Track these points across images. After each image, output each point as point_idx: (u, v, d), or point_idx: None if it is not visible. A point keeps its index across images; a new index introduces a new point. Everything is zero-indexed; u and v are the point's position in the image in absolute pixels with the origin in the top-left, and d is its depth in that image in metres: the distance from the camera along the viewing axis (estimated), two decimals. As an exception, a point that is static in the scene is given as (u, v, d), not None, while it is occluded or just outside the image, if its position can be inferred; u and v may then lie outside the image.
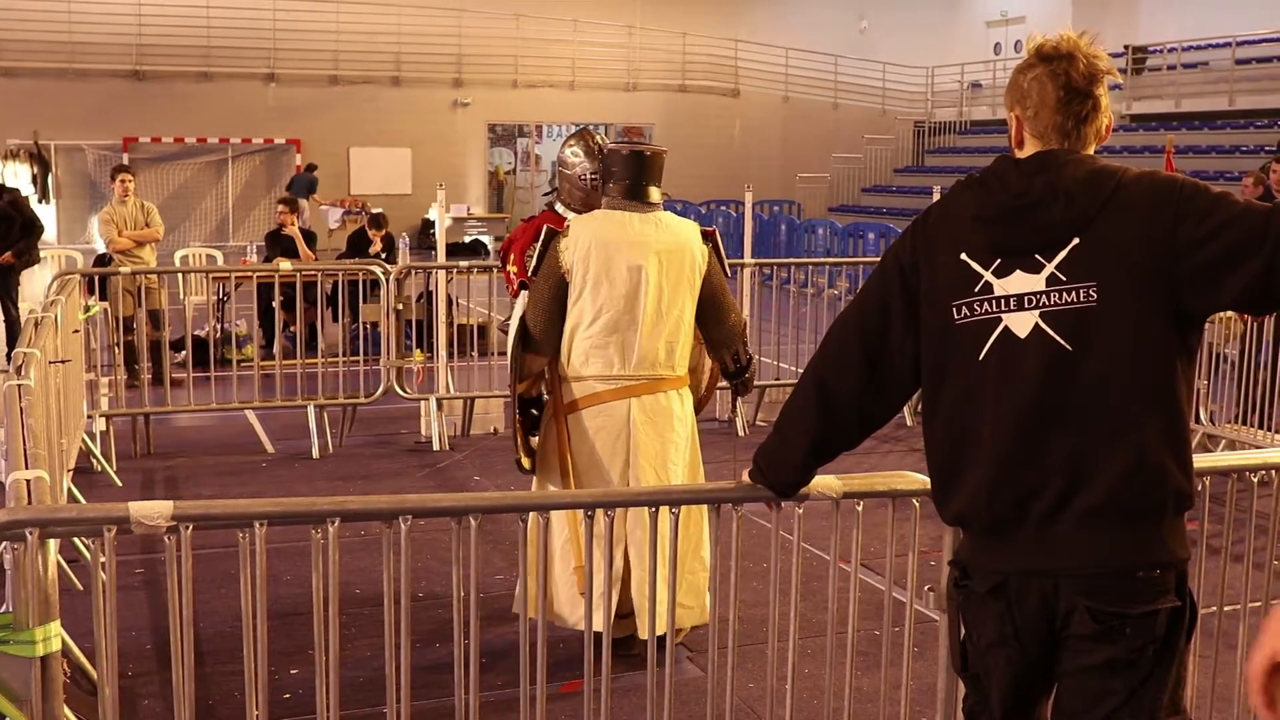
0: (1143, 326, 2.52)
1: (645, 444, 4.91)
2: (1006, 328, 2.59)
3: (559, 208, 5.56)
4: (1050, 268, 2.56)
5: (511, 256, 5.52)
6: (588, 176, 5.34)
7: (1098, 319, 2.53)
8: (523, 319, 4.98)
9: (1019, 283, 2.58)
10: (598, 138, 5.49)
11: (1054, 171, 2.59)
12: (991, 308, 2.60)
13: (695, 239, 5.05)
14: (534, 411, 5.21)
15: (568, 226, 4.99)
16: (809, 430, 2.87)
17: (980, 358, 2.61)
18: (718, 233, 5.22)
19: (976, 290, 2.62)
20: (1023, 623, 2.64)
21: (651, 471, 4.92)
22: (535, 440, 5.18)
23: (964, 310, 2.63)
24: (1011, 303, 2.59)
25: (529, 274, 5.01)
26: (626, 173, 4.99)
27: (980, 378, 2.61)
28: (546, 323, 4.93)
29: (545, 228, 5.01)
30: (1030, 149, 2.68)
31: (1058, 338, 2.55)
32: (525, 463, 5.16)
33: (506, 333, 5.47)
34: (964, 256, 2.64)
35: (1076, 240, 2.55)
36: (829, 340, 2.87)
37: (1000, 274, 2.60)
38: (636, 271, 4.86)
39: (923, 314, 2.69)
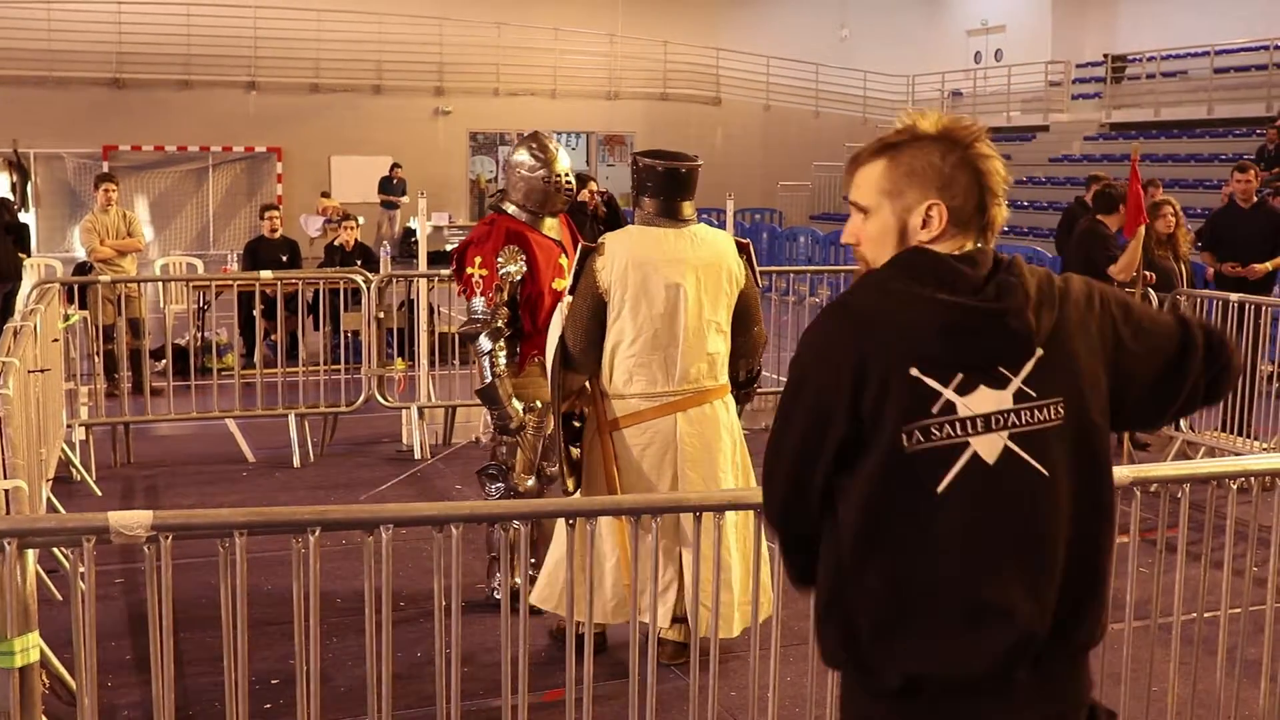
0: (1101, 444, 2.33)
1: (692, 454, 4.90)
2: (975, 454, 2.23)
3: (509, 208, 5.61)
4: (1016, 382, 2.24)
5: (479, 260, 5.51)
6: (555, 178, 5.54)
7: (1064, 438, 2.27)
8: (561, 337, 4.96)
9: (984, 400, 2.23)
10: (552, 140, 5.70)
11: (1010, 272, 2.27)
12: (955, 431, 2.22)
13: (731, 251, 5.06)
14: (575, 424, 5.18)
15: (602, 244, 4.98)
16: (804, 573, 2.45)
17: (939, 490, 2.22)
18: (751, 245, 5.23)
19: (935, 411, 2.22)
20: None
21: (700, 480, 4.90)
22: (576, 452, 5.13)
23: (917, 435, 2.21)
24: (979, 424, 2.23)
25: (566, 292, 5.01)
26: (661, 190, 4.98)
27: (937, 513, 2.22)
28: (586, 342, 4.92)
29: (580, 244, 5.01)
30: (950, 244, 2.29)
31: (1033, 461, 2.24)
32: (570, 484, 5.08)
33: (474, 338, 5.50)
34: (915, 371, 2.21)
35: (1040, 351, 2.26)
36: (776, 484, 2.37)
37: (963, 391, 2.22)
38: (675, 290, 4.86)
39: (865, 439, 2.24)
